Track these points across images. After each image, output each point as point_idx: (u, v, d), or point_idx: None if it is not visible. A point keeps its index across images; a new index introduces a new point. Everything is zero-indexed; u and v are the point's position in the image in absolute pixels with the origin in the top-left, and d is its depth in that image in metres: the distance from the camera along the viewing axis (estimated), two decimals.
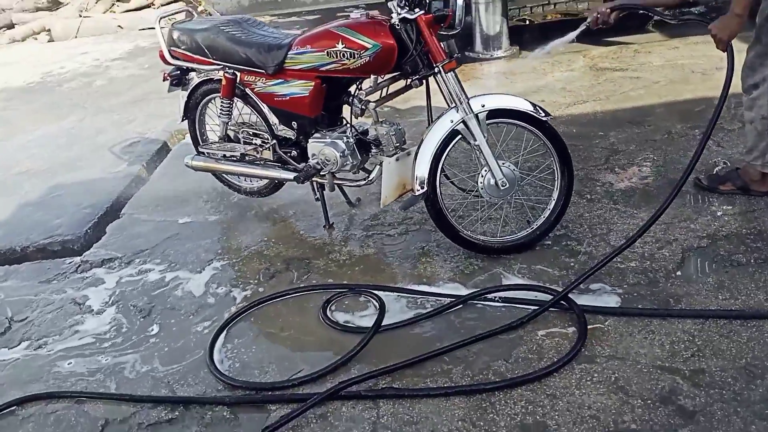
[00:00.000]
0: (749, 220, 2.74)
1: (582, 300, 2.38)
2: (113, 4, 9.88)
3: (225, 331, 2.49)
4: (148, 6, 9.73)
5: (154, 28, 3.16)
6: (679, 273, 2.49)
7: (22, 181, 4.23)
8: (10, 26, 10.10)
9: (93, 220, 3.55)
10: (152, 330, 2.59)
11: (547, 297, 2.40)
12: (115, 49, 7.88)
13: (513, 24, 6.19)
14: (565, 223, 2.85)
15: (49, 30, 9.37)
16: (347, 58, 2.58)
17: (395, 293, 2.59)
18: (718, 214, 2.82)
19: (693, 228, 2.74)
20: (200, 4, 7.86)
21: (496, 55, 5.47)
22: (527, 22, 6.71)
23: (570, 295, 2.37)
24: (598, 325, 2.27)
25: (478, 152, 2.59)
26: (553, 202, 2.73)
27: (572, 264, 2.63)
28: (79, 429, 2.13)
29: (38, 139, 5.05)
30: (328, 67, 2.66)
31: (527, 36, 5.87)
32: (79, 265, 3.16)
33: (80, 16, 9.55)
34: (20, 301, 2.91)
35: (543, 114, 2.57)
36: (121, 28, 9.17)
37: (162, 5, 9.54)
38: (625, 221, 2.87)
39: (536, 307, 2.36)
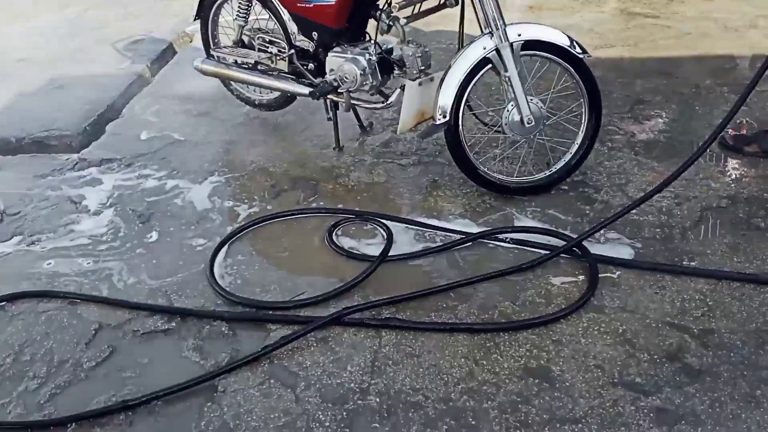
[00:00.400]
0: None
1: (595, 249, 2.32)
2: None
3: (227, 246, 2.42)
4: None
5: None
6: (696, 231, 2.42)
7: (22, 70, 4.05)
8: None
9: (93, 117, 3.40)
10: (151, 237, 2.51)
11: (560, 243, 2.34)
12: None
13: None
14: (584, 169, 2.76)
15: None
16: None
17: (404, 224, 2.51)
18: (741, 175, 2.74)
19: (714, 187, 2.66)
20: None
21: None
22: None
23: (584, 243, 2.31)
24: (609, 276, 2.22)
25: (507, 85, 2.46)
26: (576, 146, 2.63)
27: (587, 212, 2.56)
28: (72, 331, 2.08)
29: (40, 26, 4.82)
30: None
31: None
32: (77, 163, 3.04)
33: None
34: (14, 195, 2.81)
35: (580, 51, 2.43)
36: None
37: None
38: (645, 173, 2.78)
39: (547, 252, 2.30)
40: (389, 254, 2.33)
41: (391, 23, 2.55)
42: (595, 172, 2.79)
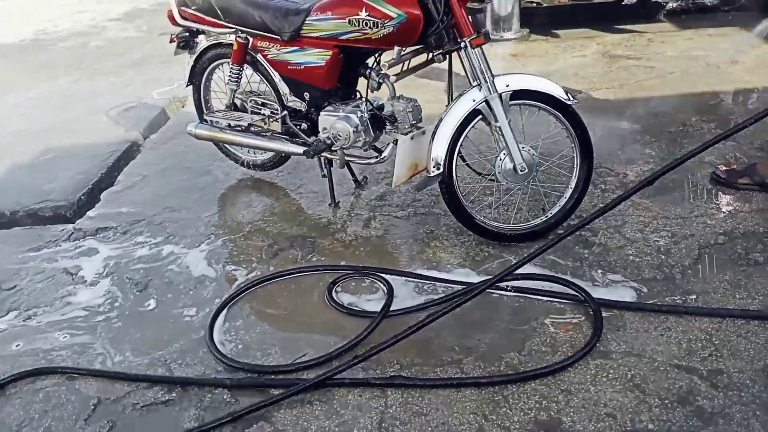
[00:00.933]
0: (767, 219, 2.68)
1: (597, 293, 2.31)
2: None
3: (225, 310, 2.40)
4: None
5: None
6: (695, 269, 2.42)
7: (15, 142, 4.08)
8: None
9: (87, 187, 3.41)
10: (149, 305, 2.49)
11: (559, 287, 2.33)
12: (111, 9, 7.65)
13: (524, 6, 6.05)
14: (579, 213, 2.76)
15: None
16: (370, 27, 2.46)
17: (403, 277, 2.50)
18: (735, 210, 2.75)
19: (710, 224, 2.67)
20: None
21: (506, 37, 5.35)
22: (536, 5, 6.57)
23: (586, 288, 2.30)
24: (613, 319, 2.20)
25: (498, 134, 2.49)
26: (570, 191, 2.65)
27: (586, 255, 2.55)
28: (70, 408, 2.03)
29: (32, 98, 4.88)
30: (348, 36, 2.54)
31: (538, 19, 5.74)
32: (72, 233, 3.04)
33: None
34: (9, 269, 2.79)
35: (568, 98, 2.47)
36: None
37: None
38: (640, 213, 2.79)
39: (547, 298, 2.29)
40: (390, 309, 2.31)
41: (380, 80, 2.60)
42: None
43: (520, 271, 2.47)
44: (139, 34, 6.45)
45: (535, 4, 6.69)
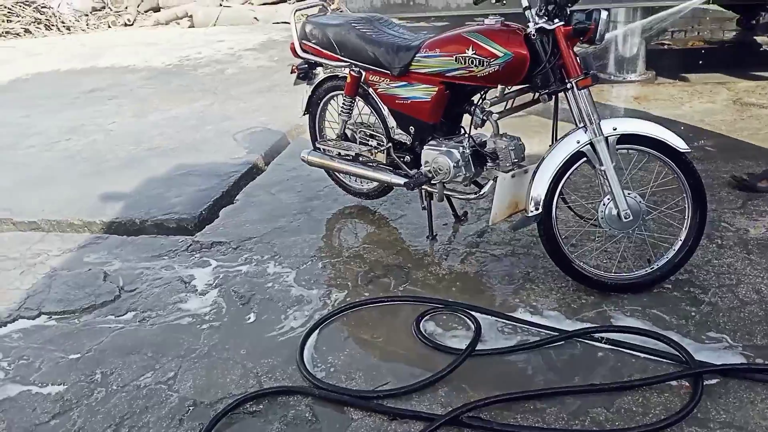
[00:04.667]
0: None
1: (701, 355, 2.16)
2: None
3: (317, 332, 2.48)
4: (284, 0, 10.11)
5: (287, 23, 3.24)
6: None
7: (151, 157, 4.48)
8: (156, 9, 10.85)
9: (208, 203, 3.68)
10: (249, 318, 2.63)
11: (659, 345, 2.21)
12: (249, 40, 8.23)
13: (651, 47, 5.85)
14: (690, 267, 2.61)
15: (191, 16, 9.96)
16: (476, 65, 2.50)
17: (493, 317, 2.47)
18: None
19: None
20: (333, 2, 8.05)
21: (629, 79, 5.18)
22: (667, 47, 6.32)
23: (689, 348, 2.17)
24: (716, 386, 2.05)
25: (602, 178, 2.42)
26: (680, 243, 2.51)
27: (693, 313, 2.40)
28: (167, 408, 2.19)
29: (170, 118, 5.34)
30: (454, 73, 2.59)
31: (666, 62, 5.52)
32: (190, 245, 3.27)
33: (220, 5, 10.09)
34: (132, 273, 3.05)
35: (681, 145, 2.36)
36: (257, 20, 9.59)
37: (296, 0, 9.88)
38: (759, 274, 2.59)
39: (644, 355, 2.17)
40: (476, 348, 2.29)
41: (484, 117, 2.62)
42: (702, 271, 2.63)
43: (617, 322, 2.39)
44: (271, 64, 6.89)
45: (665, 46, 6.46)
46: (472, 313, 2.48)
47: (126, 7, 10.93)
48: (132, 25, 10.64)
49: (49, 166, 4.51)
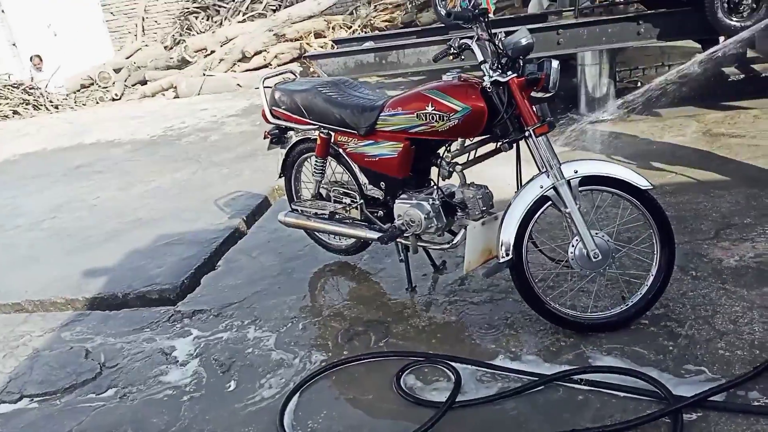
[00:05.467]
0: None
1: (680, 390, 2.15)
2: (234, 64, 10.59)
3: (297, 395, 2.46)
4: (266, 66, 10.34)
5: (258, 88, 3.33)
6: None
7: (134, 229, 4.51)
8: (143, 82, 11.08)
9: (190, 271, 3.69)
10: (229, 386, 2.61)
11: (638, 383, 2.20)
12: (231, 106, 8.39)
13: (622, 86, 6.00)
14: (665, 301, 2.62)
15: (175, 87, 10.16)
16: (436, 121, 2.57)
17: (473, 366, 2.46)
18: None
19: None
20: (310, 66, 8.25)
21: (601, 117, 5.29)
22: (639, 85, 6.47)
23: (667, 384, 2.16)
24: (696, 420, 2.04)
25: (569, 220, 2.46)
26: (652, 278, 2.53)
27: (671, 348, 2.40)
28: None
29: (153, 190, 5.40)
30: (417, 129, 2.66)
31: (638, 98, 5.64)
32: (172, 315, 3.27)
33: (204, 74, 10.31)
34: (114, 348, 3.04)
35: (643, 183, 2.41)
36: (240, 86, 9.78)
37: (279, 65, 10.11)
38: (734, 303, 2.60)
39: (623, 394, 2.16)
40: (457, 400, 2.27)
41: (450, 169, 2.68)
42: (678, 304, 2.64)
43: (596, 362, 2.39)
44: (253, 128, 7.00)
45: (634, 85, 6.61)
46: (452, 364, 2.47)
47: (114, 83, 11.17)
48: (119, 99, 10.84)
49: (34, 245, 4.54)
